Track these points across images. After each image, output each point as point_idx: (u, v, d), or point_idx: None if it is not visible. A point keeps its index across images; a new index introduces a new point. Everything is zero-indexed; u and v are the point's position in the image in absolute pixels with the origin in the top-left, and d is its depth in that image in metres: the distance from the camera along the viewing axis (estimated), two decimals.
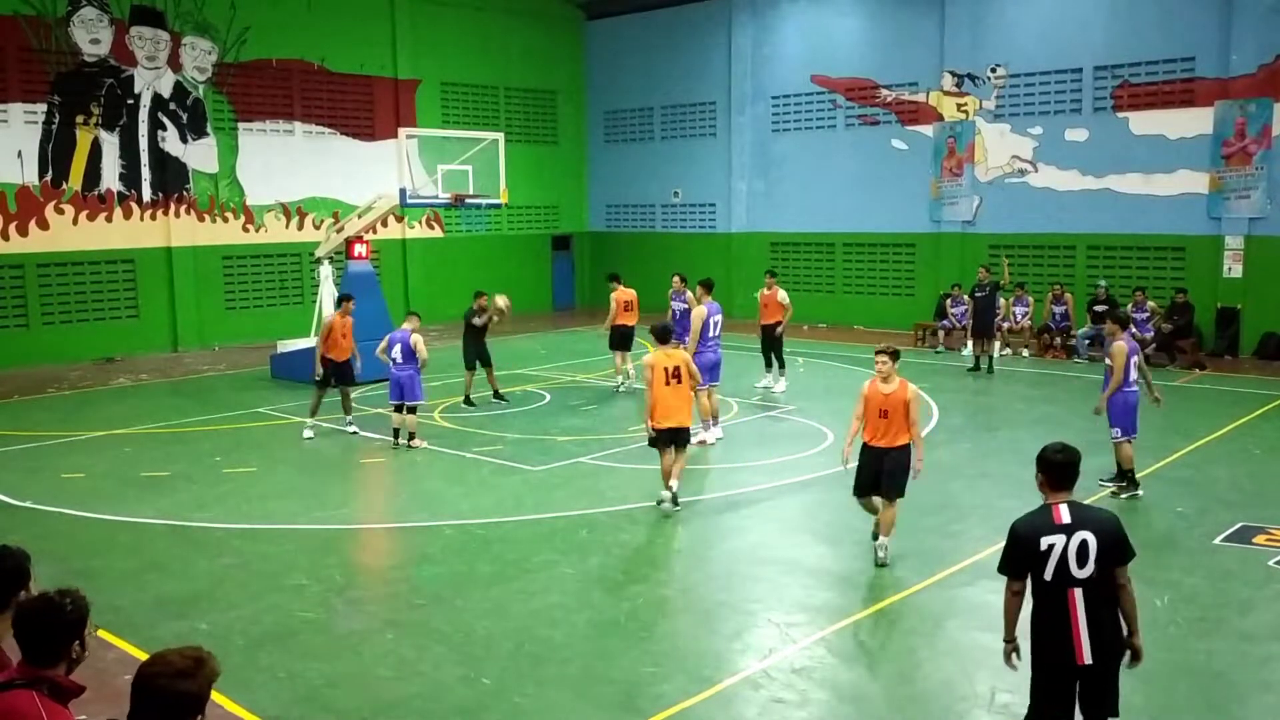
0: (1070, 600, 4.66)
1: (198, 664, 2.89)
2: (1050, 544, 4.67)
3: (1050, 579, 4.68)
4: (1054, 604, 4.70)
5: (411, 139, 18.64)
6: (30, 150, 20.04)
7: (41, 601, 3.22)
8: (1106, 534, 4.70)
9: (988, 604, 7.73)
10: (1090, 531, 4.68)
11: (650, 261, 28.39)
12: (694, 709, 6.12)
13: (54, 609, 3.19)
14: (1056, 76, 21.44)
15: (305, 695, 6.37)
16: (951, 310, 21.09)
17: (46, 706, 3.07)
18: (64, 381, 18.15)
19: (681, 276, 16.71)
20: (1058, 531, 4.69)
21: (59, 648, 3.18)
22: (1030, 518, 4.86)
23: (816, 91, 25.12)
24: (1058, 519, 4.73)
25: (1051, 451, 4.88)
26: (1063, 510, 4.75)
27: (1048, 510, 4.80)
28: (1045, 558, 4.67)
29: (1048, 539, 4.68)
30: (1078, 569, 4.65)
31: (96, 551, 9.16)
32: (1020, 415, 14.54)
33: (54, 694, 3.13)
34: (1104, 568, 4.68)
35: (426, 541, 9.40)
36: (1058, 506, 4.78)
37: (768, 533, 9.47)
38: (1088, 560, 4.65)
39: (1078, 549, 4.65)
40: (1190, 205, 19.96)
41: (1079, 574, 4.65)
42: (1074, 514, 4.74)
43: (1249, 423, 13.82)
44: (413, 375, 12.71)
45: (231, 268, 22.87)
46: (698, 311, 13.14)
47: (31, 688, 3.10)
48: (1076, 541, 4.66)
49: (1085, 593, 4.66)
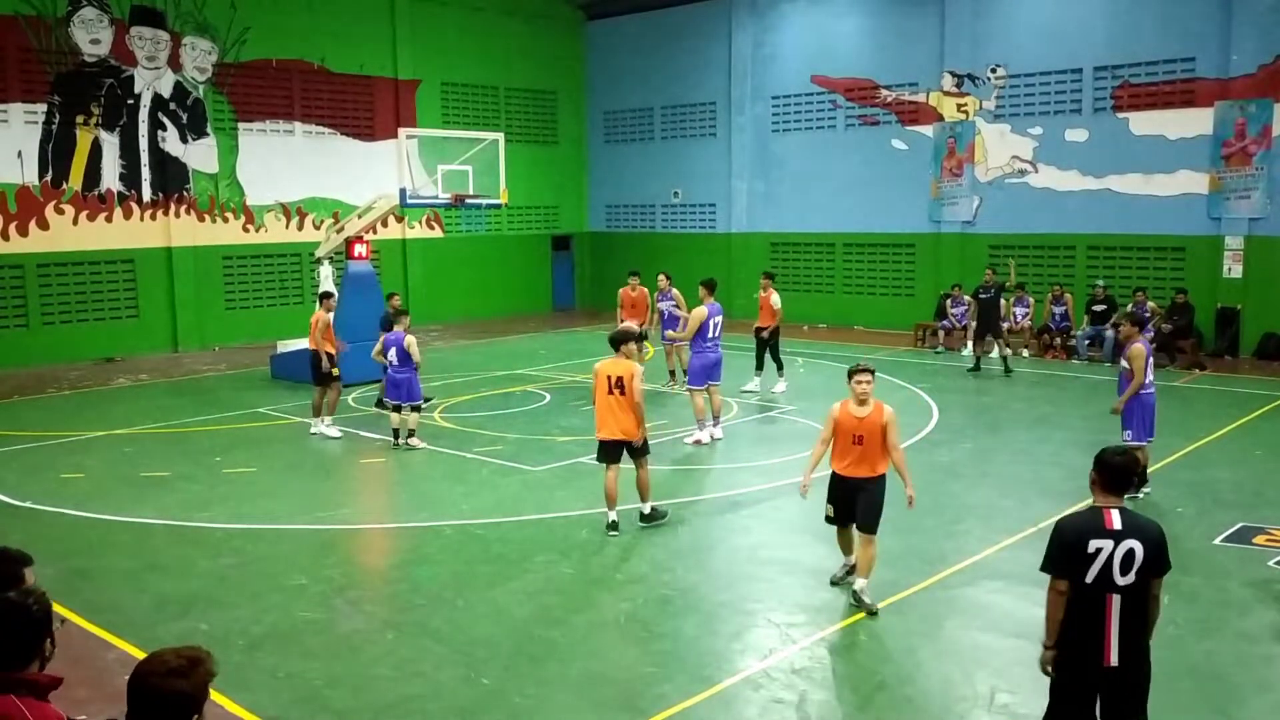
0: (1108, 605, 4.60)
1: (192, 663, 2.88)
2: (1098, 548, 4.60)
3: (1091, 582, 4.61)
4: (1090, 607, 4.64)
5: (411, 139, 18.65)
6: (30, 150, 20.04)
7: (4, 605, 3.18)
8: (1152, 544, 4.63)
9: (988, 604, 7.74)
10: (1138, 541, 4.61)
11: (650, 262, 28.31)
12: (694, 709, 6.12)
13: (19, 610, 3.16)
14: (1056, 77, 21.44)
15: (305, 695, 6.36)
16: (952, 310, 21.10)
17: (30, 707, 3.06)
18: (64, 381, 18.15)
19: (667, 275, 16.69)
20: (1107, 536, 4.61)
21: (31, 648, 3.16)
22: (1078, 518, 4.78)
23: (816, 92, 25.12)
24: (1109, 524, 4.64)
25: (1111, 454, 4.80)
26: (1114, 515, 4.66)
27: (1098, 513, 4.70)
28: (1091, 560, 4.60)
29: (1096, 542, 4.60)
30: (1120, 576, 4.59)
31: (96, 551, 9.16)
32: (1020, 415, 14.54)
33: (32, 693, 3.12)
34: (1143, 577, 4.62)
35: (426, 541, 9.39)
36: (1109, 511, 4.69)
37: (768, 533, 9.46)
38: (1131, 569, 4.59)
39: (1124, 557, 4.58)
40: (1190, 205, 19.96)
41: (1121, 581, 4.59)
42: (1125, 521, 4.66)
43: (1249, 423, 13.82)
44: (410, 376, 12.76)
45: (231, 268, 22.88)
46: (698, 311, 13.12)
47: (10, 692, 3.08)
48: (1124, 549, 4.59)
49: (1123, 599, 4.60)
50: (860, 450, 7.51)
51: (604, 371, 9.29)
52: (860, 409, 7.51)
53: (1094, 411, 14.65)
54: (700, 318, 13.00)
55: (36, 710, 3.07)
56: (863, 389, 7.49)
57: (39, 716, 3.05)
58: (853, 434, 7.51)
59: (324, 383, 13.51)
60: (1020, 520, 9.59)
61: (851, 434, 7.51)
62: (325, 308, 13.80)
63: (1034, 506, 10.02)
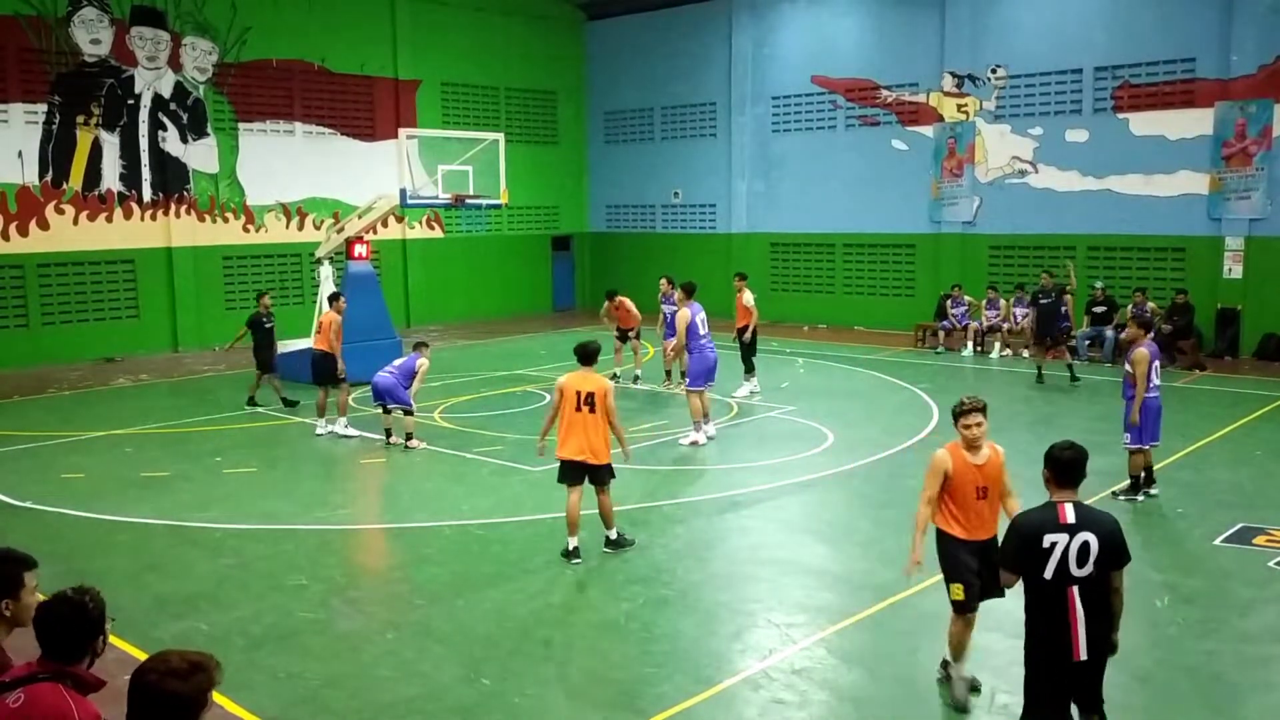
0: (1070, 599, 4.70)
1: (194, 668, 2.88)
2: (1053, 542, 4.70)
3: (1050, 577, 4.71)
4: (1053, 602, 4.73)
5: (412, 139, 18.64)
6: (30, 150, 20.04)
7: (64, 602, 3.28)
8: (1107, 537, 4.74)
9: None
10: (1093, 533, 4.72)
11: (650, 262, 28.38)
12: (694, 709, 6.12)
13: (77, 608, 3.25)
14: (1057, 77, 21.44)
15: (305, 695, 6.36)
16: (952, 311, 21.10)
17: (74, 699, 3.14)
18: (64, 381, 18.15)
19: (669, 279, 16.65)
20: (1061, 530, 4.72)
21: (84, 644, 3.26)
22: (1034, 514, 4.89)
23: (817, 92, 25.12)
24: (1063, 518, 4.75)
25: (1059, 449, 4.90)
26: (1068, 509, 4.77)
27: (1052, 508, 4.81)
28: (1047, 555, 4.70)
29: (1051, 536, 4.71)
30: (1077, 568, 4.69)
31: (96, 551, 9.17)
32: (1020, 415, 14.54)
33: (77, 687, 3.20)
34: (1102, 569, 4.74)
35: (426, 542, 9.39)
36: (1063, 505, 4.79)
37: (768, 533, 9.46)
38: (1088, 561, 4.70)
39: (1079, 549, 4.69)
40: (1190, 206, 19.96)
41: (1078, 573, 4.70)
42: (1079, 514, 4.77)
43: (1249, 424, 13.82)
44: (395, 385, 12.88)
45: (231, 268, 22.87)
46: (681, 315, 13.19)
47: (56, 681, 3.17)
48: (1079, 542, 4.69)
49: (1083, 591, 4.70)
50: (985, 505, 6.15)
51: (573, 386, 8.55)
52: (975, 455, 6.16)
53: (1094, 412, 14.66)
54: (685, 320, 13.06)
55: (81, 704, 3.15)
56: (973, 434, 6.10)
57: (82, 711, 3.13)
58: (976, 486, 6.11)
59: (334, 383, 13.57)
60: None
61: (975, 486, 6.11)
62: (337, 309, 13.88)
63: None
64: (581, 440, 8.48)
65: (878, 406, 15.29)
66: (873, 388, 16.88)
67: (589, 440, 8.47)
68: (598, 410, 8.47)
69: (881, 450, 12.40)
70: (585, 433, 8.48)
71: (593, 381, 8.61)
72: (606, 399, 8.52)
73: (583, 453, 8.48)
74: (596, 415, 8.48)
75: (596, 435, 8.49)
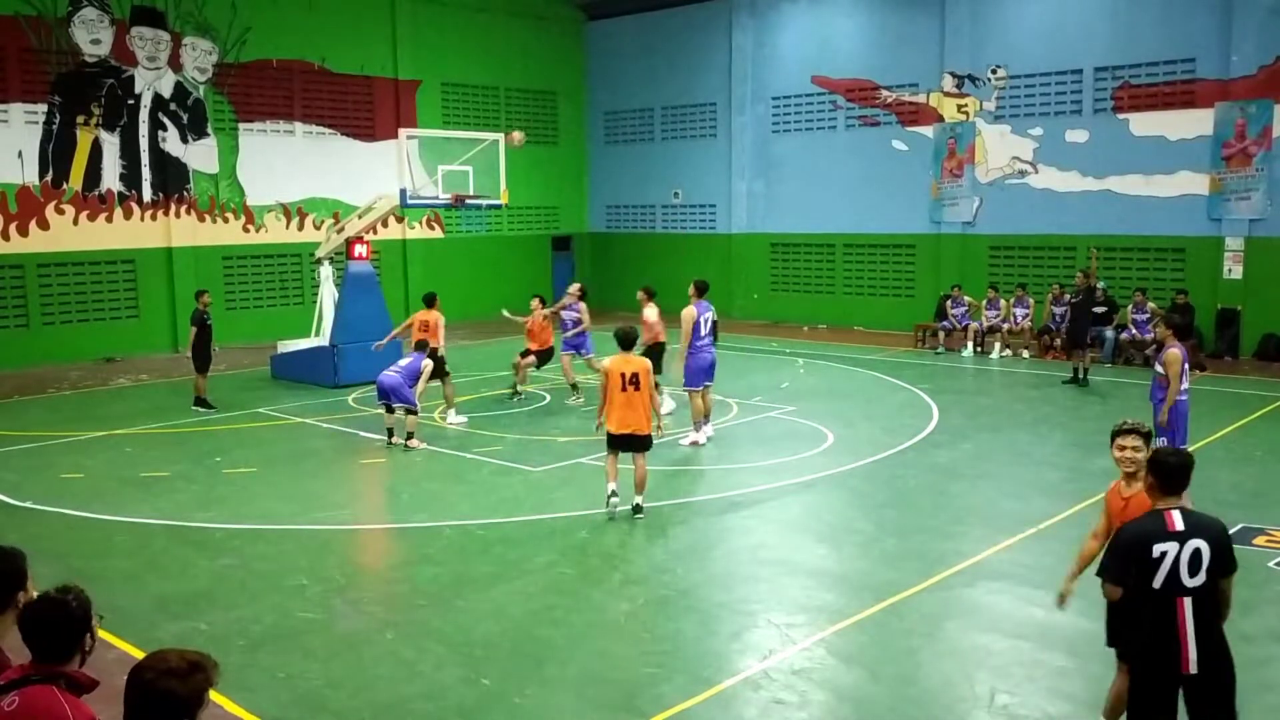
0: (1179, 609, 4.50)
1: (191, 667, 2.86)
2: (1163, 551, 4.49)
3: (1159, 587, 4.50)
4: (1161, 612, 4.53)
5: (412, 139, 18.63)
6: (31, 150, 20.04)
7: (47, 602, 3.26)
8: (1217, 542, 4.53)
9: (988, 605, 7.74)
10: (1203, 539, 4.50)
11: (650, 263, 28.42)
12: (694, 710, 6.11)
13: (60, 606, 3.23)
14: (1057, 77, 21.45)
15: (305, 695, 6.36)
16: (952, 311, 21.11)
17: (69, 701, 3.13)
18: (64, 381, 18.15)
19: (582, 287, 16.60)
20: (1171, 539, 4.51)
21: (71, 643, 3.24)
22: (1140, 523, 4.69)
23: (817, 92, 25.13)
24: (1171, 526, 4.55)
25: (1165, 455, 4.74)
26: (1176, 516, 4.57)
27: (1159, 516, 4.60)
28: (1157, 565, 4.50)
29: (1160, 545, 4.50)
30: (1189, 578, 4.48)
31: (96, 551, 9.16)
32: (1020, 415, 14.54)
33: (70, 688, 3.19)
34: (1211, 577, 4.52)
35: (426, 542, 9.39)
36: (1170, 513, 4.59)
37: (768, 533, 9.46)
38: (1200, 569, 4.49)
39: (1191, 557, 4.49)
40: (1190, 206, 19.96)
41: (1190, 583, 4.49)
42: (1187, 521, 4.56)
43: (1249, 424, 13.82)
44: (399, 385, 12.91)
45: (231, 268, 22.88)
46: (687, 311, 12.97)
47: (50, 683, 3.15)
48: (1190, 550, 4.49)
49: (1194, 602, 4.50)
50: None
51: (618, 369, 9.68)
52: (1129, 486, 5.43)
53: (1094, 412, 14.66)
54: (691, 318, 12.88)
55: (75, 706, 3.13)
56: (1124, 456, 5.43)
57: (77, 712, 3.11)
58: (1121, 521, 5.26)
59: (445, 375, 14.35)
60: (1020, 521, 9.58)
61: (1120, 521, 5.27)
62: (438, 308, 14.82)
63: (1034, 507, 10.02)
64: (627, 414, 9.66)
65: (878, 407, 15.29)
66: (873, 388, 16.88)
67: (634, 415, 9.67)
68: (642, 387, 9.66)
69: (881, 450, 12.40)
70: (631, 408, 9.66)
71: (634, 364, 9.76)
72: (648, 377, 9.77)
73: (628, 426, 9.67)
74: (641, 392, 9.66)
75: (640, 410, 9.70)
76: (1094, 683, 6.38)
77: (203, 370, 15.52)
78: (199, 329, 15.40)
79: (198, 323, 15.44)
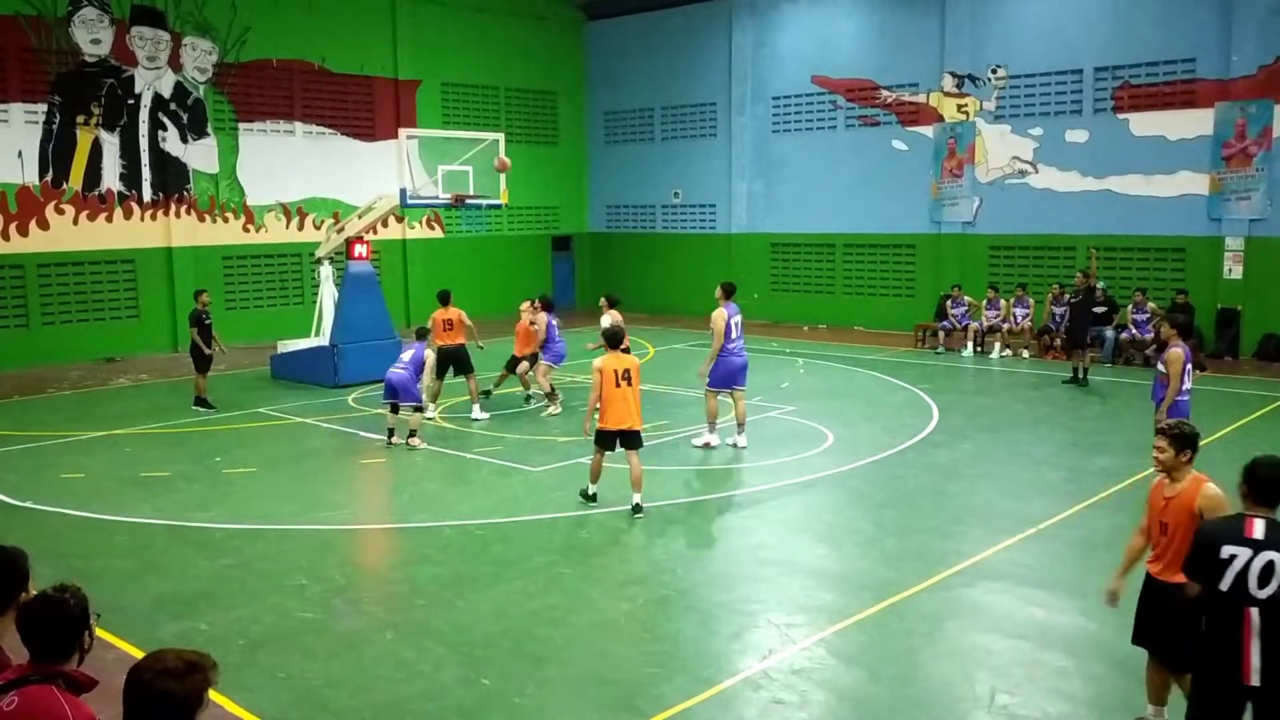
0: (1245, 619, 4.40)
1: (189, 668, 2.85)
2: (1231, 554, 4.42)
3: (1226, 590, 4.44)
4: (1227, 618, 4.45)
5: (412, 139, 18.62)
6: (31, 150, 20.05)
7: (44, 601, 3.26)
8: None
9: (988, 605, 7.74)
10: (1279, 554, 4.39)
11: (650, 263, 28.45)
12: (694, 710, 6.11)
13: (57, 605, 3.23)
14: (1057, 77, 21.44)
15: (305, 695, 6.36)
16: (952, 311, 21.11)
17: (68, 700, 3.13)
18: (64, 381, 18.15)
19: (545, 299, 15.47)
20: (1244, 544, 4.43)
21: (69, 642, 3.23)
22: (1217, 523, 4.67)
23: (817, 92, 25.12)
24: (1249, 532, 4.45)
25: (1263, 465, 4.66)
26: (1257, 525, 4.47)
27: (1240, 520, 4.54)
28: (1224, 567, 4.43)
29: (1229, 548, 4.43)
30: (1258, 588, 4.38)
31: (96, 551, 9.16)
32: (1020, 416, 14.54)
33: (69, 687, 3.18)
34: None
35: (426, 542, 9.40)
36: (1252, 519, 4.50)
37: (768, 533, 9.46)
38: (1270, 581, 4.37)
39: (1262, 568, 4.38)
40: (1190, 206, 19.96)
41: (1259, 594, 4.38)
42: (1269, 532, 4.44)
43: (1249, 424, 13.81)
44: (409, 381, 12.90)
45: (231, 268, 22.88)
46: (718, 314, 12.68)
47: (49, 683, 3.15)
48: (1263, 560, 4.38)
49: (1263, 613, 4.38)
50: (1165, 542, 5.40)
51: (610, 367, 9.83)
52: (1169, 485, 5.47)
53: (1094, 412, 14.67)
54: (722, 320, 12.58)
55: (74, 705, 3.13)
56: (1154, 457, 5.56)
57: (76, 711, 3.11)
58: (1159, 520, 5.46)
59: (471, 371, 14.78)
60: (1020, 521, 9.58)
61: (1158, 520, 5.46)
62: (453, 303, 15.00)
63: (1034, 507, 10.02)
64: (621, 410, 9.82)
65: (878, 407, 15.28)
66: (873, 388, 16.88)
67: (628, 410, 9.85)
68: (634, 383, 9.87)
69: (881, 450, 12.40)
70: (625, 404, 9.84)
71: (625, 360, 10.01)
72: (637, 373, 10.02)
73: (623, 422, 9.82)
74: (633, 387, 9.87)
75: (633, 406, 9.89)
76: (1094, 683, 6.39)
77: (203, 370, 15.53)
78: (198, 329, 15.43)
79: (196, 322, 15.49)
